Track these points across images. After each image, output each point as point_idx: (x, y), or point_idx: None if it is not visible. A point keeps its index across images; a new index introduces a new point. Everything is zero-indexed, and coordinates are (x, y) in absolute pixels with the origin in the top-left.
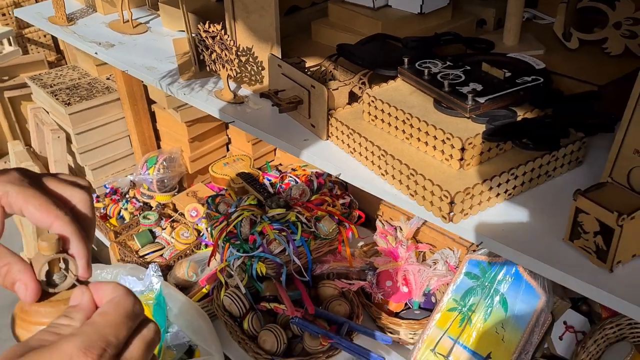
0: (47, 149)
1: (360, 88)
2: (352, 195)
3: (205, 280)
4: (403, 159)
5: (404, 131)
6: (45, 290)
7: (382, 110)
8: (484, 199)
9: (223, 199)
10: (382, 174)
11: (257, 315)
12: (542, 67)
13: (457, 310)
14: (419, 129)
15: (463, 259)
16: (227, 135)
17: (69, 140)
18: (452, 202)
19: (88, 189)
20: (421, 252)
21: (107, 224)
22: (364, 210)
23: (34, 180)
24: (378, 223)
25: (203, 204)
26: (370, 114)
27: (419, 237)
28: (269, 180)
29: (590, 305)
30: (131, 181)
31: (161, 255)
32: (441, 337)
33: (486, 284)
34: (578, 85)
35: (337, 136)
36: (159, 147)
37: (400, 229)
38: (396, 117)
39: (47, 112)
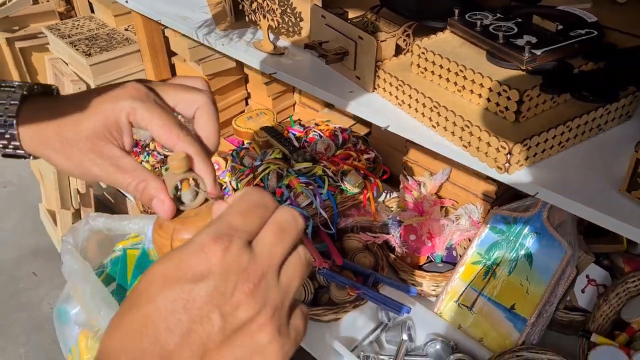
0: None
1: (404, 40)
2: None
3: None
4: (457, 111)
5: (455, 83)
6: (177, 207)
7: (433, 62)
8: (538, 150)
9: (247, 152)
10: (432, 126)
11: None
12: (594, 20)
13: (481, 264)
14: (473, 81)
15: (488, 214)
16: (247, 89)
17: None
18: (509, 153)
19: (207, 92)
20: (443, 207)
21: None
22: (386, 165)
23: (158, 96)
24: (402, 178)
25: (224, 158)
26: (419, 66)
27: (441, 192)
28: (294, 134)
29: (613, 260)
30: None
31: None
32: (465, 289)
33: (511, 238)
34: (628, 39)
35: (384, 88)
36: None
37: (424, 184)
38: (448, 69)
39: (66, 63)
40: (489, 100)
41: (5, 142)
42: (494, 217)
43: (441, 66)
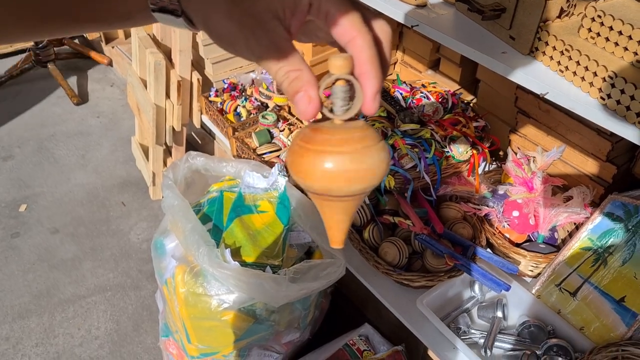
0: (172, 38)
1: (567, 1)
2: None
3: None
4: (638, 84)
5: (636, 53)
6: (323, 113)
7: (610, 28)
8: None
9: None
10: (601, 98)
11: (378, 227)
12: None
13: (592, 250)
14: None
15: (606, 199)
16: None
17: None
18: None
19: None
20: (552, 186)
21: (225, 119)
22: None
23: None
24: (511, 151)
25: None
26: (591, 31)
27: (549, 170)
28: (400, 93)
29: None
30: (253, 78)
31: (278, 156)
32: (569, 274)
33: (630, 227)
34: None
35: (544, 52)
36: None
37: (535, 159)
38: (629, 37)
39: None
40: None
41: None
42: (612, 202)
43: (620, 32)
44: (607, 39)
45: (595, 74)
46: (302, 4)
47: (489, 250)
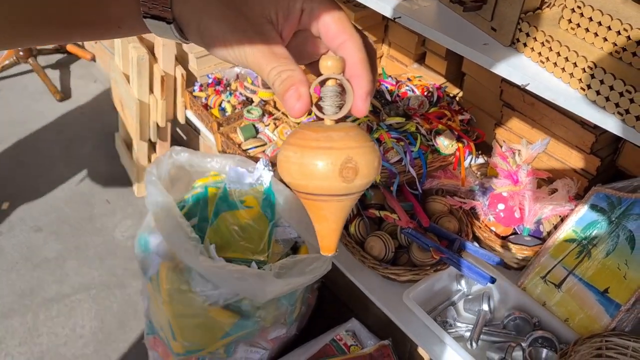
0: None
1: None
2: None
3: None
4: (616, 74)
5: (615, 44)
6: (312, 112)
7: (590, 19)
8: None
9: None
10: (581, 88)
11: (364, 222)
12: None
13: (576, 242)
14: (638, 42)
15: (589, 191)
16: None
17: None
18: None
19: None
20: (537, 178)
21: (209, 114)
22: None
23: None
24: (496, 144)
25: None
26: (571, 22)
27: (534, 163)
28: (386, 87)
29: None
30: (237, 73)
31: (263, 151)
32: (554, 266)
33: (613, 219)
34: None
35: (524, 43)
36: None
37: (520, 152)
38: (609, 27)
39: None
40: None
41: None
42: (596, 195)
43: (600, 23)
44: (587, 30)
45: (575, 65)
46: (295, 9)
47: (475, 243)
